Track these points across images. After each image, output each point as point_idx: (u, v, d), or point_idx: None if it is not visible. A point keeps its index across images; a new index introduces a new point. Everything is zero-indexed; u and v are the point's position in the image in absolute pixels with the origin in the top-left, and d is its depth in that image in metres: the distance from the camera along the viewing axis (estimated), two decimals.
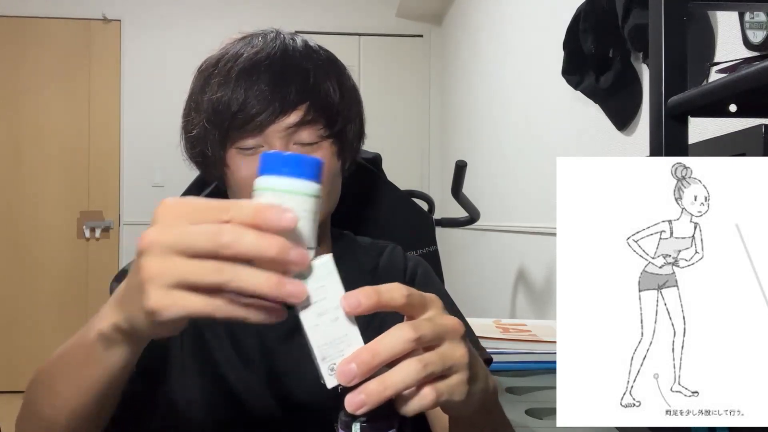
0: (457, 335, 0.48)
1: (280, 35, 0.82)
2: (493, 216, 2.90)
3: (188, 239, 0.43)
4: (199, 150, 0.81)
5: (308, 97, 0.77)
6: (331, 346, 0.46)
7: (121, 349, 0.51)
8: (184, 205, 0.45)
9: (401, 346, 0.45)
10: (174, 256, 0.43)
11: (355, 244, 0.94)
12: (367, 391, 0.44)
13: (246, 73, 0.77)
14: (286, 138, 0.77)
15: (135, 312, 0.46)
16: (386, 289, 0.46)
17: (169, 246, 0.43)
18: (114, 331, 0.50)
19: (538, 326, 1.44)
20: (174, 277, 0.43)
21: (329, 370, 0.46)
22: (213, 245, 0.42)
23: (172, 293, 0.43)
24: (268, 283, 0.43)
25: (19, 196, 4.11)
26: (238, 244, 0.42)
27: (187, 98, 0.83)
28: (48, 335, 4.04)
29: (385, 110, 4.23)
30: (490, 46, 3.15)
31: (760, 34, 1.17)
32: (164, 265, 0.43)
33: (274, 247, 0.42)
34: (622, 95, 1.69)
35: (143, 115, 4.15)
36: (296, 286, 0.44)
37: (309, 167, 0.46)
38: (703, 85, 0.57)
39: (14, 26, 4.10)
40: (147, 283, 0.43)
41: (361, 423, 0.47)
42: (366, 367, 0.44)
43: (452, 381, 0.47)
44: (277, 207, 0.43)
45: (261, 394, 0.81)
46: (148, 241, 0.44)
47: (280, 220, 0.43)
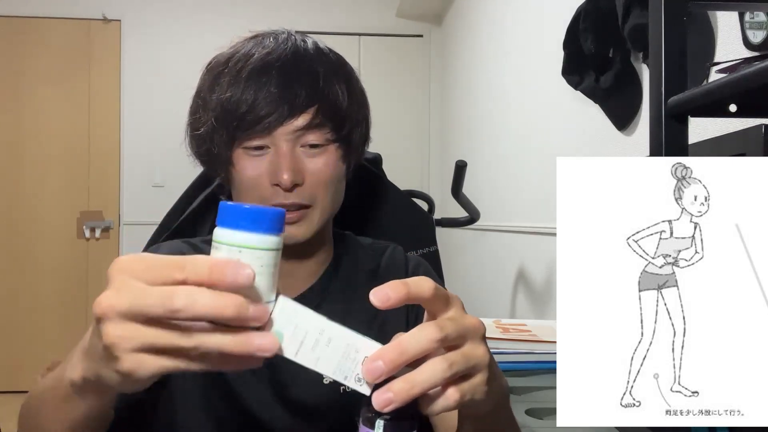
0: (478, 335, 0.49)
1: (291, 36, 0.82)
2: (493, 216, 2.90)
3: (142, 305, 0.42)
4: (206, 148, 0.81)
5: (317, 101, 0.77)
6: (343, 362, 0.46)
7: (93, 396, 0.52)
8: (139, 263, 0.44)
9: (427, 345, 0.45)
10: (131, 323, 0.42)
11: (356, 245, 0.94)
12: (395, 390, 0.44)
13: (256, 74, 0.77)
14: (293, 141, 0.77)
15: (104, 372, 0.45)
16: (414, 282, 0.47)
17: (123, 312, 0.42)
18: (84, 383, 0.49)
19: (538, 326, 1.44)
20: (137, 344, 0.42)
21: (357, 381, 0.47)
22: (166, 311, 0.42)
23: (140, 356, 0.43)
24: (235, 342, 0.43)
25: (19, 196, 4.11)
26: (192, 307, 0.41)
27: (195, 95, 0.83)
28: (48, 335, 4.04)
29: (385, 110, 4.23)
30: (490, 46, 3.15)
31: (760, 34, 1.17)
32: (124, 332, 0.42)
33: (231, 307, 0.42)
34: (622, 95, 1.69)
35: (143, 115, 4.15)
36: (265, 339, 0.43)
37: (268, 220, 0.44)
38: (703, 85, 0.57)
39: (14, 26, 4.10)
40: (113, 349, 0.43)
41: (385, 420, 0.47)
42: (392, 364, 0.44)
43: (475, 381, 0.48)
44: (234, 263, 0.42)
45: (264, 397, 0.80)
46: (103, 307, 0.43)
47: (236, 276, 0.42)
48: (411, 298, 0.46)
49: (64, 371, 0.52)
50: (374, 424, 0.47)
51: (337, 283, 0.86)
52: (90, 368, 0.47)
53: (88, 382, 0.49)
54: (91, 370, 0.47)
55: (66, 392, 0.52)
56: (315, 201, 0.79)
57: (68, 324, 4.02)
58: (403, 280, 0.46)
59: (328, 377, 0.46)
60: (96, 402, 0.52)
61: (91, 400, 0.52)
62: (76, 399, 0.52)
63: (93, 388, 0.50)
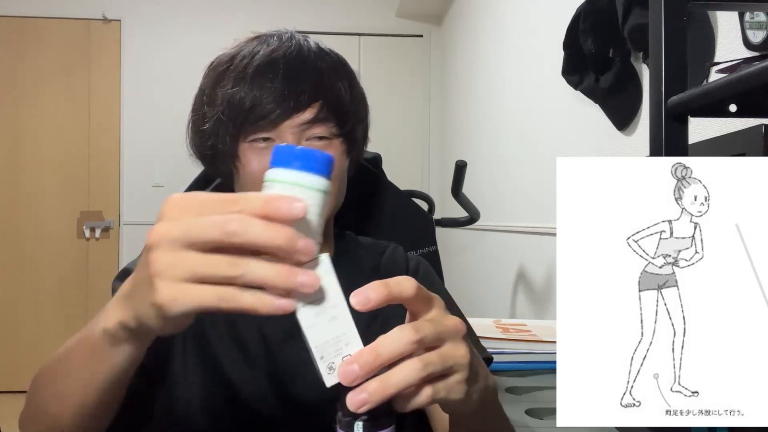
0: (458, 335, 0.48)
1: (294, 36, 0.84)
2: (493, 216, 2.90)
3: (196, 231, 0.43)
4: (211, 144, 0.82)
5: (321, 96, 0.79)
6: (329, 345, 0.46)
7: (126, 346, 0.51)
8: (192, 199, 0.45)
9: (403, 347, 0.45)
10: (183, 250, 0.43)
11: (356, 244, 0.94)
12: (369, 391, 0.44)
13: (262, 70, 0.78)
14: (299, 134, 0.79)
15: (143, 307, 0.45)
16: (395, 282, 0.47)
17: (177, 239, 0.43)
18: (120, 329, 0.49)
19: (538, 326, 1.44)
20: (184, 271, 0.43)
21: (328, 369, 0.46)
22: (220, 235, 0.42)
23: (181, 286, 0.43)
24: (280, 273, 0.43)
25: (19, 196, 4.11)
26: (245, 233, 0.42)
27: (198, 94, 0.84)
28: (48, 335, 4.04)
29: (385, 110, 4.23)
30: (490, 46, 3.15)
31: (760, 34, 1.17)
32: (174, 259, 0.43)
33: (282, 237, 0.42)
34: (622, 95, 1.69)
35: (143, 115, 4.15)
36: (308, 276, 0.43)
37: (320, 163, 0.46)
38: (703, 85, 0.57)
39: (14, 26, 4.10)
40: (156, 277, 0.43)
41: (363, 422, 0.47)
42: (368, 367, 0.44)
43: (451, 380, 0.48)
44: (288, 197, 0.43)
45: (263, 392, 0.81)
46: (157, 235, 0.43)
47: (291, 209, 0.43)
48: (392, 298, 0.46)
49: (94, 326, 0.52)
50: (353, 427, 0.47)
51: None
52: (128, 308, 0.48)
53: (124, 327, 0.49)
54: (129, 310, 0.47)
55: (94, 346, 0.52)
56: None
57: (68, 324, 4.01)
58: (383, 281, 0.46)
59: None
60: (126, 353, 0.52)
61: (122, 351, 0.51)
62: (105, 352, 0.52)
63: (127, 334, 0.49)
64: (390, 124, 4.24)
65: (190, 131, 0.85)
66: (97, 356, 0.53)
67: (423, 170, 4.39)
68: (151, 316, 0.45)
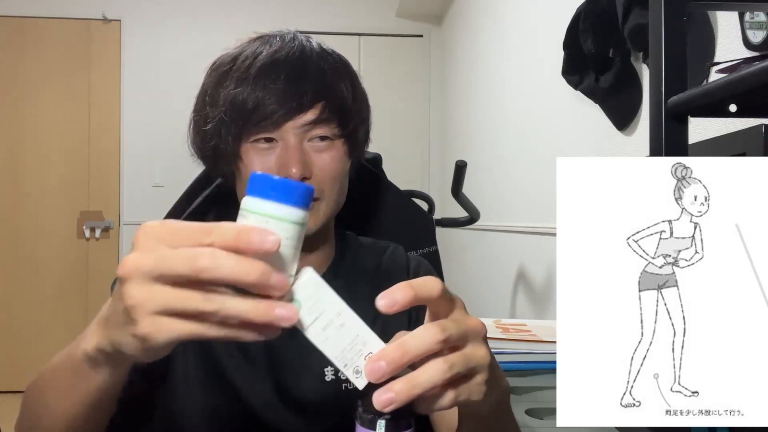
0: (479, 336, 0.49)
1: (297, 37, 0.84)
2: (493, 216, 2.90)
3: (167, 264, 0.42)
4: (213, 144, 0.82)
5: (324, 97, 0.79)
6: (348, 351, 0.47)
7: (106, 369, 0.51)
8: (164, 228, 0.44)
9: (429, 345, 0.45)
10: (155, 284, 0.42)
11: (357, 244, 0.94)
12: (395, 390, 0.44)
13: (265, 71, 0.78)
14: (301, 135, 0.79)
15: (122, 337, 0.45)
16: (421, 283, 0.47)
17: (148, 272, 0.42)
18: (98, 354, 0.49)
19: (538, 326, 1.44)
20: (158, 305, 0.42)
21: (355, 373, 0.47)
22: (191, 270, 0.41)
23: (159, 319, 0.42)
24: (256, 309, 0.42)
25: (19, 196, 4.11)
26: (216, 269, 0.41)
27: (200, 94, 0.84)
28: (48, 335, 4.04)
29: (385, 110, 4.23)
30: (490, 46, 3.15)
31: (760, 34, 1.17)
32: (147, 293, 0.42)
33: (254, 272, 0.42)
34: (622, 95, 1.69)
35: (143, 115, 4.15)
36: (286, 309, 0.43)
37: (297, 194, 0.45)
38: (703, 85, 0.57)
39: (14, 26, 4.10)
40: (132, 310, 0.43)
41: (386, 420, 0.47)
42: (395, 364, 0.44)
43: (474, 382, 0.48)
44: (261, 230, 0.43)
45: (265, 393, 0.81)
46: (128, 267, 0.43)
47: (263, 242, 0.42)
48: (418, 300, 0.46)
49: (78, 345, 0.52)
50: (375, 424, 0.47)
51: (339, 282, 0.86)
52: (106, 336, 0.47)
53: (102, 352, 0.49)
54: (107, 337, 0.47)
55: (77, 366, 0.52)
56: (322, 194, 0.80)
57: (68, 324, 4.02)
58: (408, 282, 0.46)
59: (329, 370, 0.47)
60: (107, 376, 0.52)
61: (103, 374, 0.52)
62: (86, 373, 0.52)
63: (106, 358, 0.50)
64: (390, 124, 4.24)
65: (192, 131, 0.85)
66: (79, 376, 0.53)
67: (423, 170, 4.39)
68: (131, 345, 0.45)
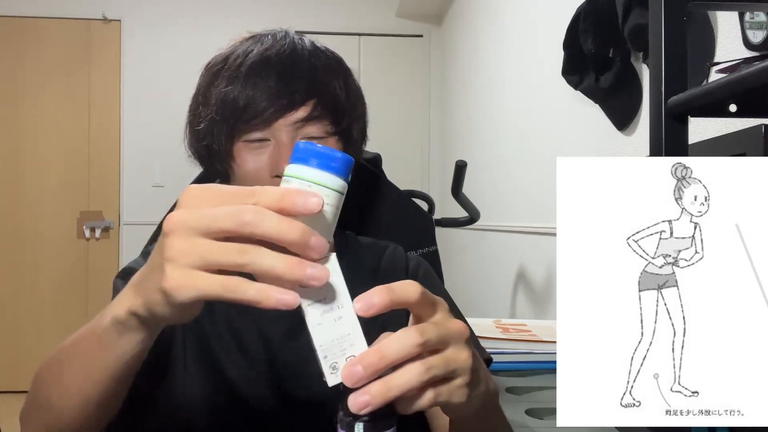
0: (461, 339, 0.49)
1: (288, 35, 0.84)
2: (493, 216, 2.90)
3: (211, 219, 0.43)
4: (206, 143, 0.82)
5: (315, 94, 0.79)
6: (334, 344, 0.46)
7: (135, 335, 0.51)
8: (209, 190, 0.46)
9: (407, 350, 0.45)
10: (197, 237, 0.43)
11: (356, 244, 0.94)
12: (372, 393, 0.44)
13: (256, 69, 0.78)
14: (293, 132, 0.79)
15: (151, 293, 0.46)
16: (399, 287, 0.47)
17: (192, 227, 0.44)
18: (129, 317, 0.50)
19: (538, 326, 1.44)
20: (195, 257, 0.43)
21: (331, 369, 0.46)
22: (235, 225, 0.43)
23: (189, 273, 0.43)
24: (288, 264, 0.43)
25: (19, 196, 4.11)
26: (259, 224, 0.43)
27: (194, 94, 0.85)
28: (48, 335, 4.04)
29: (385, 110, 4.23)
30: (490, 46, 3.15)
31: (760, 34, 1.17)
32: (187, 245, 0.43)
33: (295, 232, 0.43)
34: (622, 95, 1.69)
35: (143, 115, 4.15)
36: (317, 270, 0.43)
37: (339, 163, 0.47)
38: (703, 85, 0.57)
39: (14, 26, 4.10)
40: (168, 262, 0.44)
41: (364, 422, 0.47)
42: (372, 369, 0.44)
43: (453, 384, 0.48)
44: (304, 192, 0.44)
45: (263, 391, 0.81)
46: (173, 222, 0.44)
47: (306, 204, 0.43)
48: (396, 303, 0.46)
49: (103, 316, 0.52)
50: (353, 427, 0.47)
51: None
52: (140, 295, 0.48)
53: (135, 315, 0.49)
54: (141, 297, 0.48)
55: (102, 336, 0.52)
56: None
57: (68, 324, 4.01)
58: (387, 285, 0.46)
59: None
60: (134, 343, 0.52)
61: (130, 340, 0.52)
62: (113, 341, 0.52)
63: (138, 322, 0.50)
64: (390, 124, 4.24)
65: (187, 132, 0.86)
66: (105, 345, 0.53)
67: (423, 170, 4.39)
68: (159, 302, 0.46)
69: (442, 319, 0.49)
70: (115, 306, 0.51)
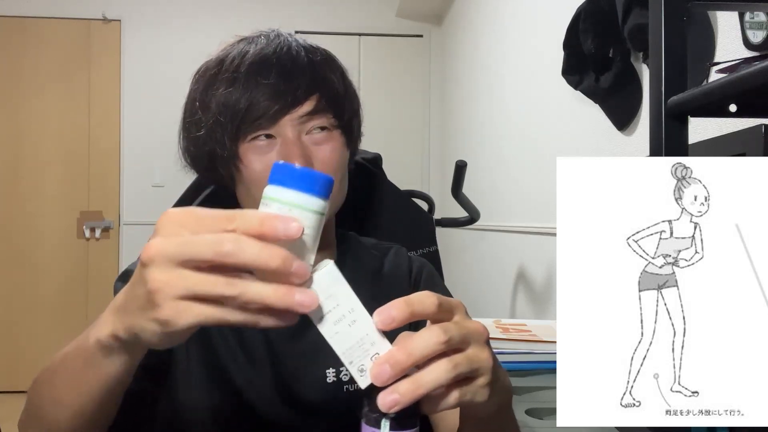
0: (482, 339, 0.49)
1: (281, 34, 0.84)
2: (493, 216, 2.90)
3: (191, 249, 0.43)
4: (208, 149, 0.81)
5: (318, 89, 0.79)
6: (355, 348, 0.47)
7: (119, 357, 0.51)
8: (188, 215, 0.45)
9: (433, 347, 0.46)
10: (179, 268, 0.43)
11: (359, 245, 0.94)
12: (401, 391, 0.45)
13: (255, 69, 0.78)
14: (299, 128, 0.79)
15: (141, 322, 0.45)
16: (417, 300, 0.47)
17: (172, 257, 0.43)
18: (112, 340, 0.49)
19: (538, 326, 1.44)
20: (182, 289, 0.43)
21: (359, 372, 0.47)
22: (215, 255, 0.42)
23: (182, 303, 0.43)
24: (276, 294, 0.43)
25: (19, 196, 4.11)
26: (240, 254, 0.42)
27: (187, 102, 0.83)
28: (48, 335, 4.04)
29: (385, 110, 4.23)
30: (490, 46, 3.15)
31: (760, 34, 1.17)
32: (171, 277, 0.43)
33: (276, 258, 0.42)
34: (622, 95, 1.69)
35: (143, 115, 4.15)
36: (306, 295, 0.44)
37: (319, 184, 0.46)
38: (703, 85, 0.57)
39: (14, 26, 4.10)
40: (155, 294, 0.43)
41: (390, 419, 0.48)
42: (399, 367, 0.45)
43: (477, 383, 0.49)
44: (284, 217, 0.43)
45: (267, 394, 0.81)
46: (152, 251, 0.43)
47: (287, 229, 0.43)
48: (415, 316, 0.47)
49: (88, 335, 0.52)
50: (380, 423, 0.48)
51: None
52: (123, 322, 0.48)
53: (118, 339, 0.49)
54: (124, 324, 0.47)
55: (88, 356, 0.52)
56: None
57: (68, 324, 4.02)
58: (406, 298, 0.47)
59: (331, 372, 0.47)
60: (119, 364, 0.52)
61: (115, 362, 0.52)
62: (98, 362, 0.52)
63: (121, 346, 0.50)
64: (390, 124, 4.24)
65: (183, 140, 0.84)
66: (90, 365, 0.53)
67: (423, 170, 4.39)
68: (151, 330, 0.45)
69: (461, 319, 0.49)
70: (98, 328, 0.51)
